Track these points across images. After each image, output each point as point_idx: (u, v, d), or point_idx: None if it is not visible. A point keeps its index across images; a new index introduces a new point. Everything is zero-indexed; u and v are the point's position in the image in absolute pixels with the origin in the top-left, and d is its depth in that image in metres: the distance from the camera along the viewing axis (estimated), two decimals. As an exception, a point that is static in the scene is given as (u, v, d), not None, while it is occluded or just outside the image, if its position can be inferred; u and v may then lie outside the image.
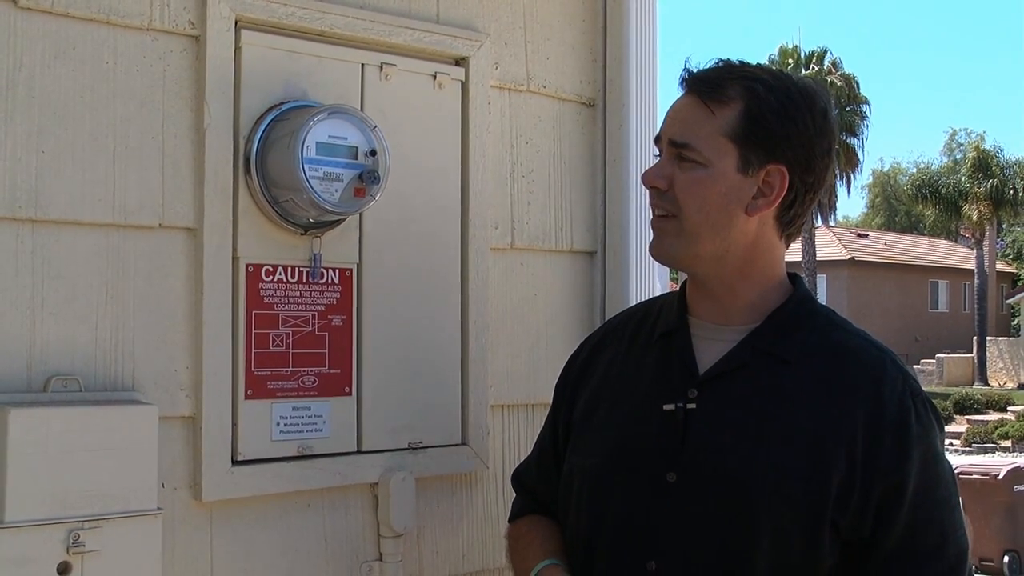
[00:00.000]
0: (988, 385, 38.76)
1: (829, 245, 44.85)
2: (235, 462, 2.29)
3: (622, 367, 2.18)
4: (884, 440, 1.93)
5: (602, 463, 2.09)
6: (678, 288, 2.23)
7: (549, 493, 2.27)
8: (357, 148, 2.32)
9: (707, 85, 2.03)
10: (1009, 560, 11.99)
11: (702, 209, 2.02)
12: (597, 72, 2.95)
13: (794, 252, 39.86)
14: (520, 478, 2.41)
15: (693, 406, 2.00)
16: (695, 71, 2.07)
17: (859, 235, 52.32)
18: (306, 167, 2.24)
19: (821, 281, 41.74)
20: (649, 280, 2.90)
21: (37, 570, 1.95)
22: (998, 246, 53.11)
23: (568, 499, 2.16)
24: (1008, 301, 50.73)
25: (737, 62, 2.09)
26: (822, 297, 39.20)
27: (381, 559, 2.49)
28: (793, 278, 2.14)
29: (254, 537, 2.33)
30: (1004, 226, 54.12)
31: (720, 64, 2.09)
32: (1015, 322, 49.68)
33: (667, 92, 2.85)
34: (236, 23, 2.31)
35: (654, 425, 2.03)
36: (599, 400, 2.18)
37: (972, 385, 37.97)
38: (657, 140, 2.11)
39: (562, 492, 2.19)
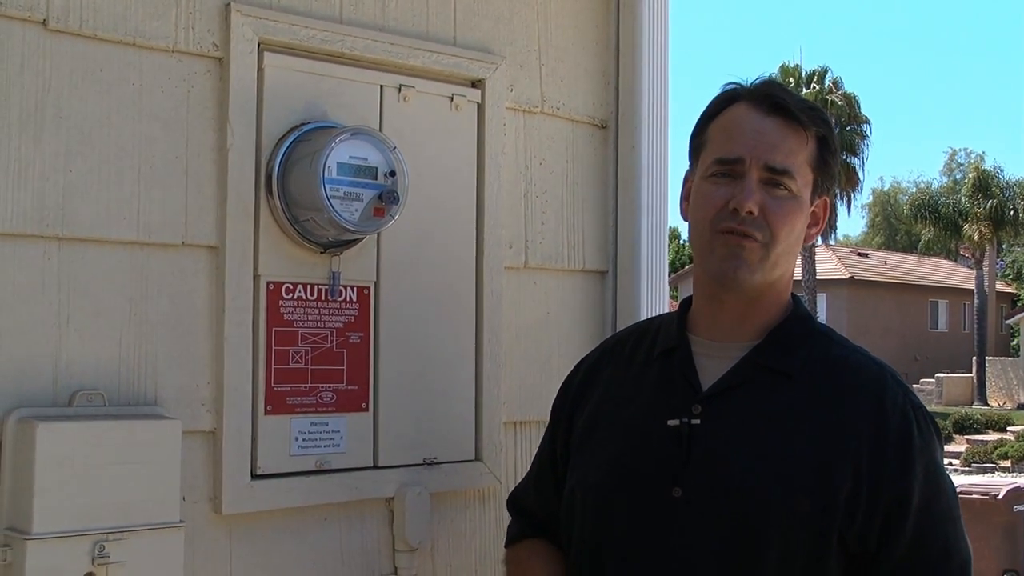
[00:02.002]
0: (987, 405, 38.75)
1: (829, 264, 44.85)
2: (254, 476, 2.33)
3: (621, 386, 2.20)
4: (888, 454, 1.96)
5: (605, 480, 2.11)
6: (677, 307, 2.26)
7: (548, 514, 2.28)
8: (377, 168, 2.36)
9: (801, 112, 2.03)
10: (1009, 580, 11.98)
11: (789, 238, 2.04)
12: (609, 94, 2.99)
13: (795, 271, 39.85)
14: (516, 501, 2.42)
15: (698, 422, 2.02)
16: (780, 95, 2.06)
17: (859, 254, 52.32)
18: (327, 187, 2.28)
19: (821, 300, 41.73)
20: (659, 299, 2.94)
21: (63, 581, 1.99)
22: (998, 266, 53.10)
23: (571, 517, 2.17)
24: (1008, 321, 50.69)
25: (787, 88, 2.14)
26: (822, 316, 39.23)
27: (396, 573, 2.52)
28: (792, 297, 2.18)
29: (272, 550, 2.37)
30: (1004, 246, 54.16)
31: (784, 87, 2.11)
32: (1014, 342, 49.66)
33: (678, 114, 2.90)
34: (259, 45, 2.36)
35: (658, 441, 2.05)
36: (599, 418, 2.20)
37: (971, 405, 37.94)
38: (734, 161, 2.04)
39: (564, 511, 2.20)
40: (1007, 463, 25.22)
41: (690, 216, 2.14)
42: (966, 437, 29.13)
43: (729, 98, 2.11)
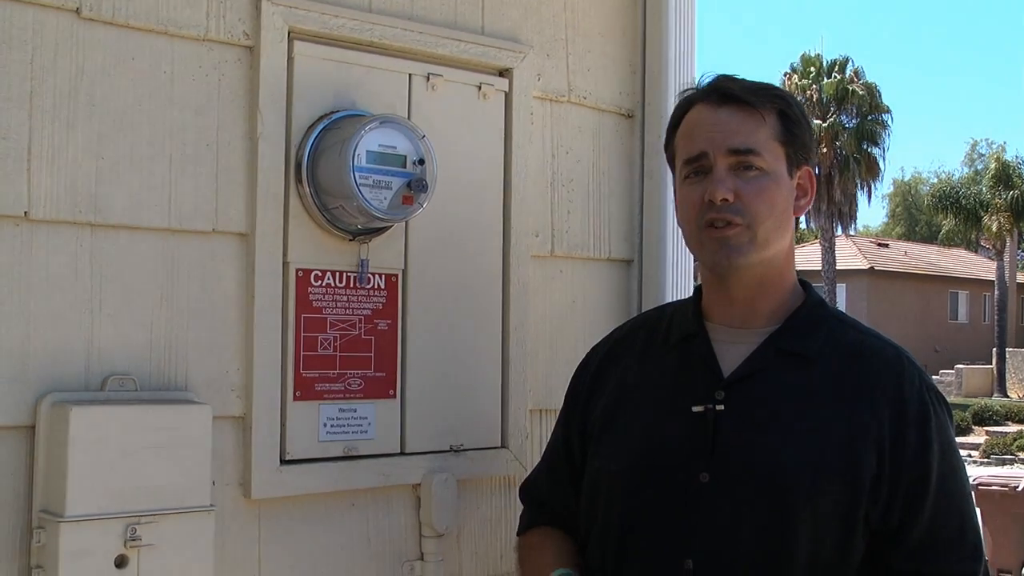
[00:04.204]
0: (1007, 397, 38.53)
1: (849, 254, 44.74)
2: (283, 461, 2.35)
3: (639, 373, 2.23)
4: (908, 434, 2.01)
5: (631, 467, 2.13)
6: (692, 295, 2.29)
7: (562, 503, 2.31)
8: (406, 157, 2.38)
9: (751, 94, 2.10)
10: (1028, 572, 11.95)
11: (772, 214, 2.08)
12: (636, 84, 3.00)
13: (814, 261, 39.76)
14: (529, 490, 2.44)
15: (722, 407, 2.05)
16: (727, 85, 2.13)
17: (879, 244, 52.17)
18: (356, 175, 2.30)
19: (841, 290, 41.64)
20: (684, 288, 2.94)
21: (96, 562, 2.01)
22: (1019, 257, 52.80)
23: (594, 505, 2.19)
24: (1028, 313, 50.51)
25: (739, 77, 2.18)
26: (842, 306, 39.11)
27: (422, 558, 2.54)
28: (803, 283, 2.22)
29: (300, 534, 2.39)
30: (1025, 237, 53.86)
31: (733, 78, 2.16)
32: (1035, 334, 49.47)
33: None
34: (289, 34, 2.37)
35: (683, 428, 2.08)
36: (619, 407, 2.22)
37: (991, 396, 37.77)
38: (699, 157, 2.11)
39: (586, 497, 2.22)
40: (1027, 455, 25.13)
41: (680, 224, 2.21)
42: (985, 429, 29.00)
43: (686, 105, 2.19)
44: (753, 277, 2.13)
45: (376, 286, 2.49)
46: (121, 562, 2.04)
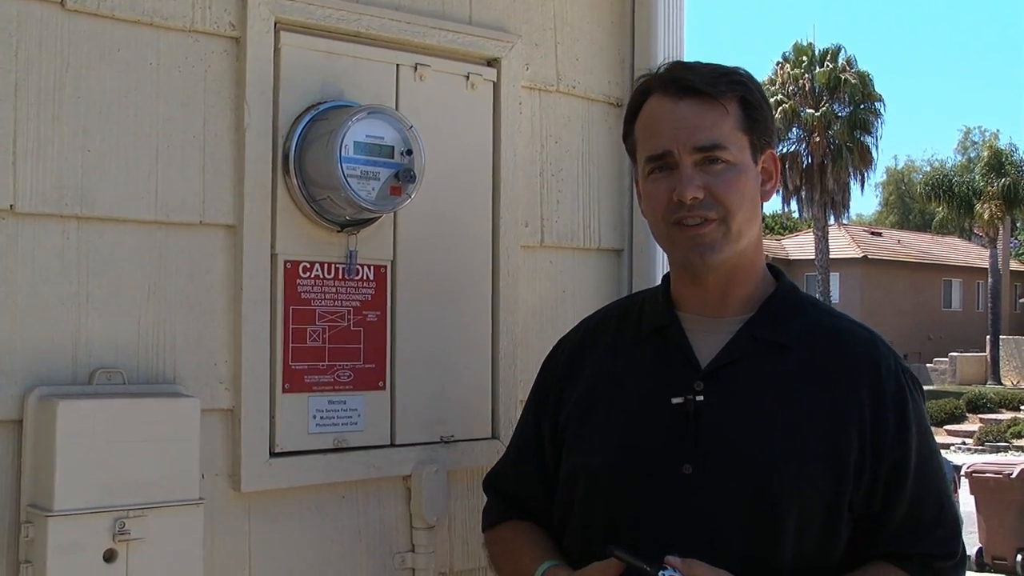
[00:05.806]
0: (1001, 384, 38.57)
1: (842, 243, 44.75)
2: (273, 454, 2.34)
3: (613, 366, 2.20)
4: (887, 417, 2.02)
5: (610, 461, 2.11)
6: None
7: (529, 496, 2.29)
8: (393, 147, 2.37)
9: (710, 85, 2.06)
10: (1022, 559, 11.98)
11: (743, 206, 2.06)
12: (625, 73, 2.99)
13: (807, 250, 39.80)
14: (494, 483, 2.41)
15: (701, 398, 2.04)
16: (686, 76, 2.08)
17: (873, 233, 52.20)
18: (344, 166, 2.29)
19: (834, 279, 41.64)
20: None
21: (85, 557, 2.01)
22: (1012, 245, 52.88)
23: (571, 500, 2.17)
24: (1022, 300, 50.50)
25: (695, 63, 2.15)
26: (835, 295, 39.20)
27: (413, 550, 2.54)
28: (774, 269, 2.21)
29: (291, 527, 2.38)
30: (1018, 225, 53.92)
31: (690, 65, 2.14)
32: (1028, 321, 49.47)
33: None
34: (275, 25, 2.36)
35: (662, 420, 2.06)
36: (594, 400, 2.19)
37: (985, 384, 37.80)
38: (663, 155, 2.07)
39: (562, 494, 2.20)
40: (1021, 442, 25.18)
41: (645, 216, 2.19)
42: (979, 416, 29.06)
43: (643, 93, 2.15)
44: (727, 269, 2.11)
45: (365, 277, 2.48)
46: (110, 556, 2.03)
